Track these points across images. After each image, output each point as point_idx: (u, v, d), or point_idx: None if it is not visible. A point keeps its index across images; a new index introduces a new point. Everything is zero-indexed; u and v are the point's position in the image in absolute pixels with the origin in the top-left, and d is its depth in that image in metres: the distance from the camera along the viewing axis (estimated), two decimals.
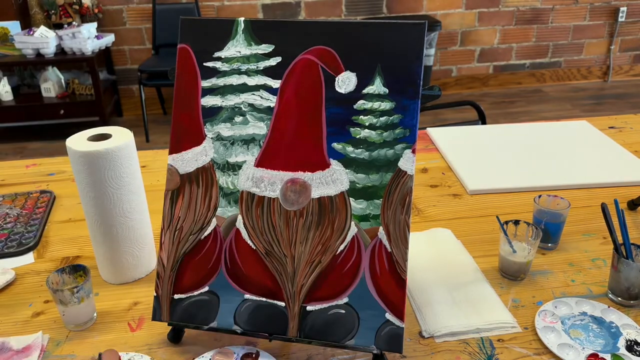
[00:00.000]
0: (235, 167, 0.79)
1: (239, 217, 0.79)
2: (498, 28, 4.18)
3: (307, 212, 0.76)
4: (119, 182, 0.88)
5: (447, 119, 3.61)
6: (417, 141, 0.76)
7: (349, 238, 0.76)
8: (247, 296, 0.77)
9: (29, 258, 1.03)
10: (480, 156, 1.38)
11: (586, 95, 4.24)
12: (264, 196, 0.78)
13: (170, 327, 0.81)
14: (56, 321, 0.86)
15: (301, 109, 0.78)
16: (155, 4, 3.69)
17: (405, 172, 0.75)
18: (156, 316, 0.79)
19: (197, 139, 0.81)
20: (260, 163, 0.79)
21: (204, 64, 0.81)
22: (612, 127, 1.55)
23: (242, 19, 0.81)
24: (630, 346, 0.78)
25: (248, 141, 0.80)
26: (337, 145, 0.77)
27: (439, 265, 0.97)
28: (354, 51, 0.77)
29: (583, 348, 0.78)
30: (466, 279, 0.93)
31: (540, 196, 1.02)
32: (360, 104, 0.77)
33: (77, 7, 3.60)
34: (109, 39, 3.73)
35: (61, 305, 0.82)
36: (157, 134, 3.75)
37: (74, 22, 3.60)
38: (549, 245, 1.01)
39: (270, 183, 0.78)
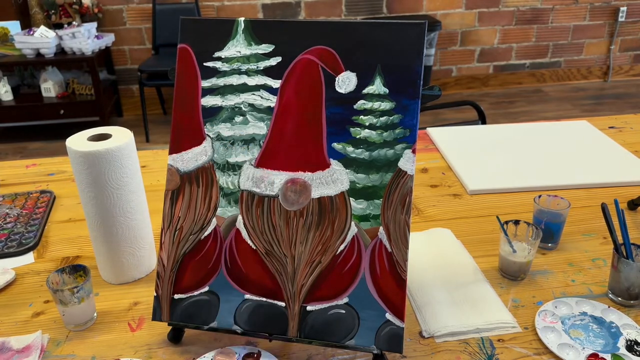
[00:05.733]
0: (235, 167, 0.79)
1: (239, 217, 0.79)
2: (498, 28, 4.18)
3: (307, 212, 0.76)
4: (119, 182, 0.88)
5: (447, 119, 3.61)
6: (417, 141, 0.76)
7: (349, 238, 0.76)
8: (247, 296, 0.77)
9: (29, 258, 1.03)
10: (480, 156, 1.37)
11: (586, 95, 4.24)
12: (264, 196, 0.78)
13: (170, 327, 0.81)
14: (56, 321, 0.86)
15: (301, 109, 0.78)
16: (155, 4, 3.69)
17: (405, 172, 0.75)
18: (156, 316, 0.79)
19: (197, 139, 0.81)
20: (260, 163, 0.79)
21: (204, 64, 0.81)
22: (612, 127, 1.55)
23: (242, 19, 0.81)
24: (631, 346, 0.78)
25: (248, 141, 0.80)
26: (337, 145, 0.77)
27: (439, 265, 0.97)
28: (354, 51, 0.77)
29: (583, 348, 0.78)
30: (466, 279, 0.93)
31: (540, 196, 1.02)
32: (361, 104, 0.77)
33: (77, 7, 3.60)
34: (109, 39, 3.73)
35: (61, 305, 0.82)
36: (157, 134, 3.75)
37: (74, 22, 3.60)
38: (549, 245, 1.01)
39: (270, 183, 0.78)
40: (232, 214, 0.79)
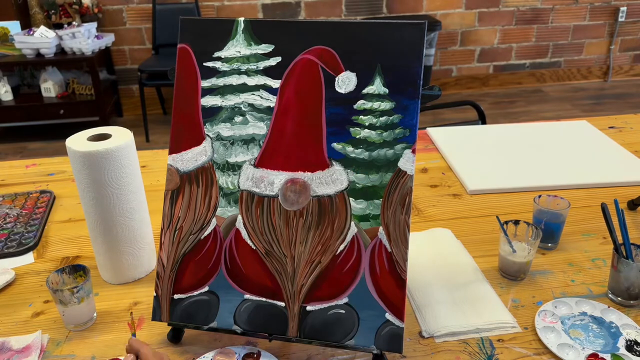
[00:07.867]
0: (235, 167, 0.79)
1: (239, 217, 0.79)
2: (498, 28, 4.18)
3: (307, 212, 0.76)
4: (119, 182, 0.88)
5: (447, 119, 3.60)
6: (417, 141, 0.76)
7: (349, 238, 0.76)
8: (247, 296, 0.77)
9: (28, 258, 1.03)
10: (480, 156, 1.37)
11: (586, 95, 4.24)
12: (264, 196, 0.78)
13: (170, 327, 0.81)
14: (56, 321, 0.86)
15: (301, 109, 0.78)
16: (155, 4, 3.69)
17: (405, 172, 0.75)
18: (156, 316, 0.79)
19: (197, 139, 0.81)
20: (260, 163, 0.79)
21: (204, 64, 0.81)
22: (612, 127, 1.55)
23: (242, 19, 0.81)
24: (630, 346, 0.78)
25: (248, 141, 0.80)
26: (337, 145, 0.77)
27: (439, 265, 0.97)
28: (354, 51, 0.77)
29: (583, 348, 0.78)
30: (466, 279, 0.93)
31: (540, 196, 1.02)
32: (360, 104, 0.77)
33: (77, 7, 3.60)
34: (108, 39, 3.72)
35: (61, 305, 0.82)
36: (157, 134, 3.75)
37: (74, 22, 3.60)
38: (549, 245, 1.01)
39: (270, 183, 0.78)
40: (232, 214, 0.79)
